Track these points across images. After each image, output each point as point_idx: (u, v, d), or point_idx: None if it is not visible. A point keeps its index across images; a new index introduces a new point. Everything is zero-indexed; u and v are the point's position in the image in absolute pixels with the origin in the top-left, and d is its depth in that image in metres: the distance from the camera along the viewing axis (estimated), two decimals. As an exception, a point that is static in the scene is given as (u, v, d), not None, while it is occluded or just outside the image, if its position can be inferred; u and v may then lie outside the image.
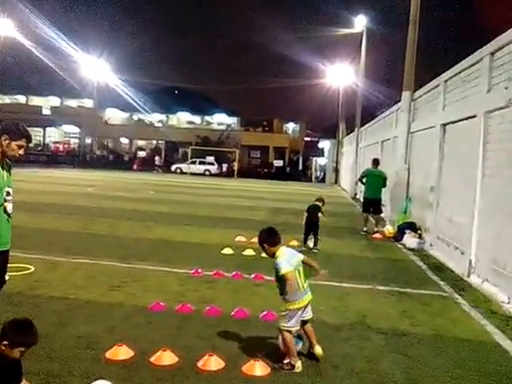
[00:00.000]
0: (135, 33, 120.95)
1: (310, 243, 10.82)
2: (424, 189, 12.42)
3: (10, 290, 4.51)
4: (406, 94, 14.58)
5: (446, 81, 11.34)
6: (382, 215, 14.83)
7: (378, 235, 13.30)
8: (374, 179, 14.23)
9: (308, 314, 4.79)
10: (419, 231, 12.13)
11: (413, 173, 14.26)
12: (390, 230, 13.49)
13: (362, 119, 31.37)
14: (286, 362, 4.61)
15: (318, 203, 11.13)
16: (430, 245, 11.36)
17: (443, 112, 11.40)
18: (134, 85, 59.32)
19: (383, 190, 14.35)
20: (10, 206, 4.35)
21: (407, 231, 12.30)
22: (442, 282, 8.43)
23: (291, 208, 19.32)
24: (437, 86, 12.10)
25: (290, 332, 4.59)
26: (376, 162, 14.64)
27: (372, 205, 14.15)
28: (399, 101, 15.68)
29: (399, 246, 12.06)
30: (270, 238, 4.85)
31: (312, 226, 10.78)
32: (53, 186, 24.51)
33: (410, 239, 11.95)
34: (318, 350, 4.79)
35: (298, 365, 4.55)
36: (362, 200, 16.83)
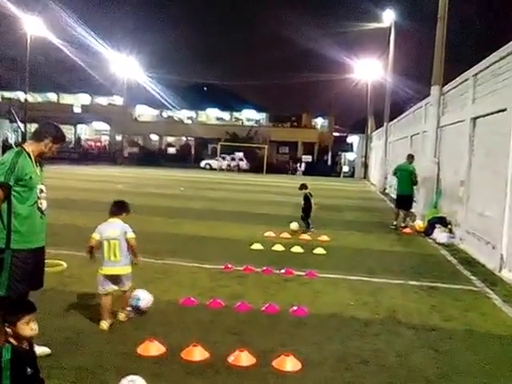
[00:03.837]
0: (164, 30, 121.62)
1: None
2: (454, 183, 12.25)
3: (44, 285, 4.61)
4: (434, 88, 14.40)
5: (475, 74, 11.15)
6: (413, 211, 14.62)
7: (407, 230, 13.17)
8: (402, 174, 14.07)
9: (124, 287, 5.36)
10: (449, 226, 11.99)
11: (442, 167, 14.08)
12: (420, 224, 13.36)
13: (390, 114, 31.00)
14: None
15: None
16: (461, 239, 11.21)
17: (473, 106, 11.22)
18: (163, 82, 59.70)
19: (415, 185, 14.10)
20: (43, 203, 4.43)
21: (437, 226, 12.18)
22: (473, 277, 8.33)
23: (320, 203, 19.25)
24: (466, 80, 11.91)
25: (102, 295, 5.24)
26: (409, 157, 14.33)
27: (401, 200, 14.03)
28: (428, 95, 15.49)
29: (429, 240, 11.93)
30: (111, 208, 5.53)
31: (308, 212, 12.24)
32: (83, 183, 24.97)
33: (440, 234, 11.81)
34: (120, 316, 5.37)
35: (102, 324, 5.14)
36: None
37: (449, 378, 4.50)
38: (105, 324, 5.17)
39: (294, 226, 12.23)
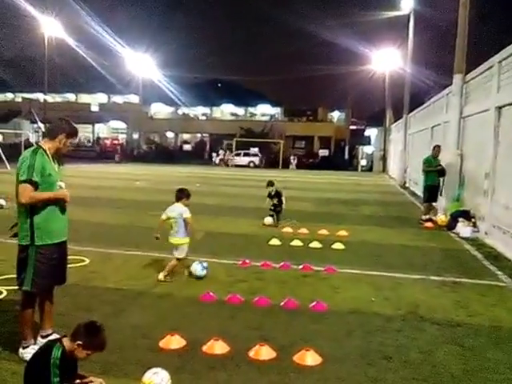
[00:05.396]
0: (179, 28, 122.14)
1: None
2: (478, 175, 11.98)
3: (67, 281, 4.66)
4: (457, 77, 14.07)
5: (500, 61, 10.88)
6: (434, 204, 14.31)
7: (429, 224, 12.93)
8: None
9: (176, 255, 6.93)
10: (473, 219, 11.72)
11: (466, 159, 13.78)
12: (442, 218, 13.11)
13: (410, 105, 30.49)
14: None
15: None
16: (486, 233, 10.95)
17: (498, 94, 10.93)
18: (177, 79, 59.87)
19: (436, 177, 13.81)
20: None
21: (460, 219, 11.90)
22: (499, 272, 8.11)
23: (337, 198, 19.13)
24: (491, 67, 11.62)
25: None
26: (433, 148, 14.02)
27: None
28: (449, 85, 15.18)
29: (452, 234, 11.69)
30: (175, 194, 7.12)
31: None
32: (102, 180, 25.14)
33: (463, 228, 11.54)
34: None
35: (160, 276, 6.82)
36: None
37: (475, 374, 4.37)
38: (161, 275, 6.81)
39: (269, 220, 12.23)
